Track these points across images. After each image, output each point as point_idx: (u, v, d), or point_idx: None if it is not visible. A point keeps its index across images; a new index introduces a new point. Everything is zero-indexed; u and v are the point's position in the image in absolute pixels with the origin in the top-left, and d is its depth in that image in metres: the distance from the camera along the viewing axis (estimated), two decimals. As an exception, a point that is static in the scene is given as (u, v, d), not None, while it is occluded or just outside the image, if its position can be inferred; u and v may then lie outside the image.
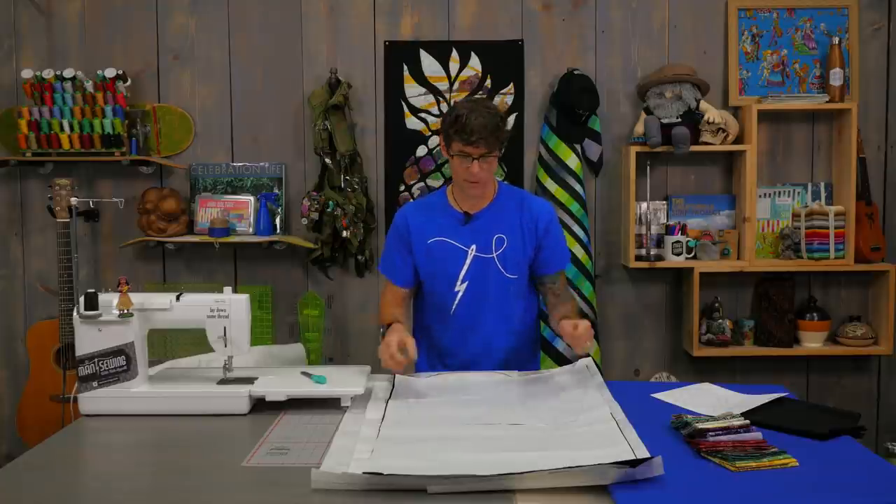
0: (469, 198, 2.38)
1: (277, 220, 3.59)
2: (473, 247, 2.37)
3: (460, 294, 2.39)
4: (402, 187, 3.62)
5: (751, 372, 3.61)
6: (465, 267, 2.38)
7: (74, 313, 2.01)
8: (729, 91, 3.55)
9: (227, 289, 2.10)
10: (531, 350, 2.55)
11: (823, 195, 3.57)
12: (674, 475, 1.53)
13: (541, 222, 2.40)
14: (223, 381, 2.09)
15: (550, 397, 2.08)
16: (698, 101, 3.43)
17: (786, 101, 3.46)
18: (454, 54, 3.57)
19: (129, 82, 3.48)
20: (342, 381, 2.09)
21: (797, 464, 1.61)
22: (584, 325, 2.15)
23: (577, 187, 3.48)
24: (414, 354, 2.14)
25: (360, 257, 3.57)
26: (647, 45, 3.58)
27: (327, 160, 3.47)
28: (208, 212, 3.56)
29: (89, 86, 3.42)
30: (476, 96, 2.46)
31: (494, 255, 2.37)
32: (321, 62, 3.58)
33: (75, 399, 2.03)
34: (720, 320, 3.49)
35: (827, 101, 3.43)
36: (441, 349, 2.48)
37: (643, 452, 1.60)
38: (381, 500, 1.47)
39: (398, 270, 2.45)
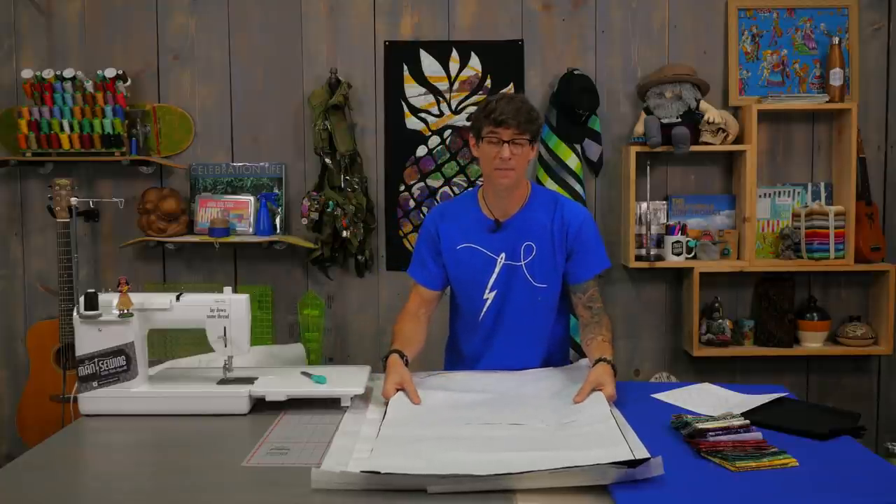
0: (499, 197, 2.28)
1: (277, 220, 3.59)
2: (503, 255, 2.29)
3: (489, 302, 2.32)
4: (402, 187, 3.62)
5: (751, 372, 3.61)
6: (494, 275, 2.30)
7: (74, 313, 2.01)
8: (729, 91, 3.56)
9: (227, 289, 2.10)
10: (559, 363, 2.44)
11: (823, 195, 3.57)
12: (674, 475, 1.53)
13: (571, 227, 2.28)
14: (223, 381, 2.09)
15: (552, 396, 2.08)
16: (698, 101, 3.43)
17: (786, 101, 3.46)
18: (454, 54, 3.57)
19: (129, 82, 3.48)
20: (342, 381, 2.09)
21: (797, 464, 1.61)
22: (608, 392, 2.00)
23: (577, 187, 3.48)
24: (416, 398, 2.03)
25: (360, 257, 3.57)
26: (647, 45, 3.58)
27: (327, 160, 3.47)
28: (208, 212, 3.57)
29: (89, 86, 3.42)
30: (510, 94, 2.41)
31: (523, 263, 2.29)
32: (321, 62, 3.59)
33: (75, 399, 2.03)
34: (720, 320, 3.49)
35: (827, 101, 3.43)
36: (465, 356, 2.43)
37: (643, 453, 1.60)
38: (381, 500, 1.47)
39: (429, 273, 2.36)
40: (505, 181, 2.22)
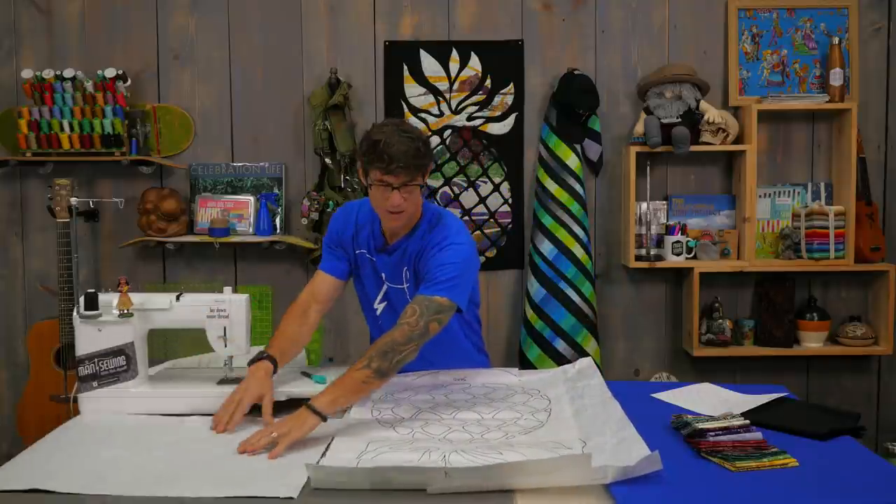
0: (386, 226, 2.22)
1: (277, 220, 3.59)
2: (383, 275, 2.25)
3: (379, 311, 2.32)
4: (402, 187, 3.61)
5: (751, 372, 3.61)
6: (381, 293, 2.28)
7: (74, 313, 2.01)
8: (729, 91, 3.55)
9: (227, 289, 2.10)
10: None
11: (823, 195, 3.57)
12: (674, 475, 1.53)
13: (427, 250, 2.14)
14: (223, 381, 2.09)
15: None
16: (698, 101, 3.43)
17: (786, 101, 3.46)
18: (454, 54, 3.57)
19: (129, 82, 3.48)
20: (342, 381, 2.08)
21: (797, 464, 1.61)
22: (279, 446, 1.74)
23: (577, 187, 3.48)
24: (269, 418, 1.89)
25: (360, 257, 3.56)
26: (647, 45, 3.58)
27: (327, 160, 3.48)
28: (208, 212, 3.57)
29: (89, 86, 3.42)
30: (395, 119, 2.27)
31: (405, 286, 2.24)
32: (321, 62, 3.58)
33: (75, 399, 2.03)
34: (720, 320, 3.49)
35: (827, 101, 3.43)
36: None
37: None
38: (381, 500, 1.47)
39: (333, 256, 2.30)
40: (396, 225, 2.14)
